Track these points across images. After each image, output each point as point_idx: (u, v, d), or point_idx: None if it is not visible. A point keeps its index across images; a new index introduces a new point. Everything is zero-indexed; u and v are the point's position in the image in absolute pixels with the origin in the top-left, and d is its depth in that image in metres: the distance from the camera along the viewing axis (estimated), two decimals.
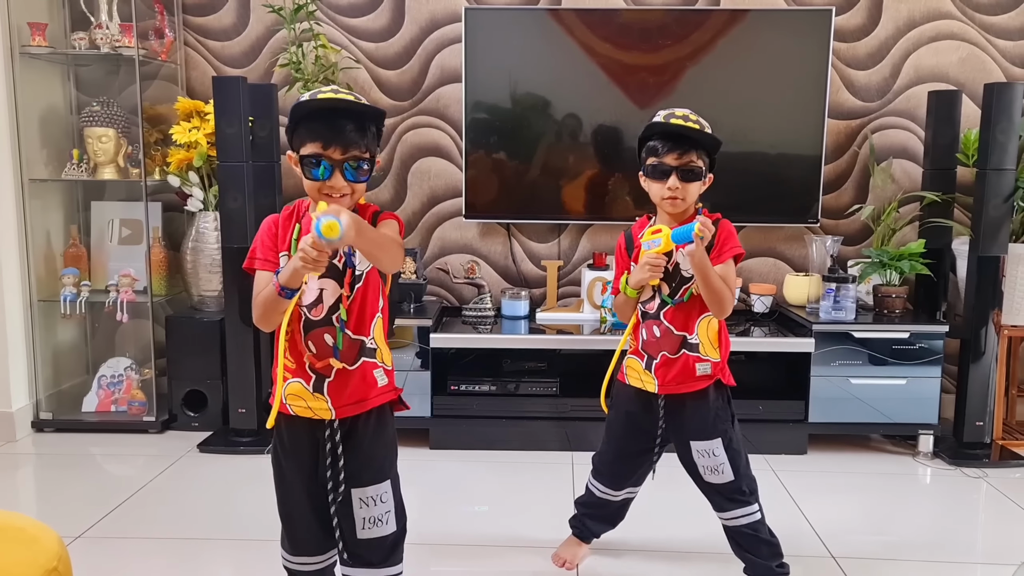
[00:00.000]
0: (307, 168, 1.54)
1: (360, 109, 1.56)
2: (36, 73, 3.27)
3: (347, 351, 1.61)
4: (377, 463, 1.67)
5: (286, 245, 1.62)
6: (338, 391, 1.61)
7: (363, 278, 1.61)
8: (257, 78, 3.46)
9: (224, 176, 3.03)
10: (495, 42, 3.29)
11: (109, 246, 3.45)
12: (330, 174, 1.53)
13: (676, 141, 1.88)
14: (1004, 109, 2.90)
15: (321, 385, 1.61)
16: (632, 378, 2.07)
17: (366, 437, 1.65)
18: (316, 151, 1.53)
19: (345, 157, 1.53)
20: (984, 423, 3.07)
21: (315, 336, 1.61)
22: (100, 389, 3.37)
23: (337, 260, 1.59)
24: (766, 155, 3.32)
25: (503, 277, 3.58)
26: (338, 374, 1.61)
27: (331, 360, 1.60)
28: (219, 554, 2.33)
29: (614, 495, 2.19)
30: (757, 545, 2.02)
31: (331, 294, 1.60)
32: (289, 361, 1.63)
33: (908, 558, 2.32)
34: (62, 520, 2.45)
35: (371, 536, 1.65)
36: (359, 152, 1.55)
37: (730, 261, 1.93)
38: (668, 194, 1.90)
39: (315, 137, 1.52)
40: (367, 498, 1.64)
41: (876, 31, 3.39)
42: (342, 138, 1.52)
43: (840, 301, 3.06)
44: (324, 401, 1.61)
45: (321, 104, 1.54)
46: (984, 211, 2.96)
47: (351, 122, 1.53)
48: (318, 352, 1.61)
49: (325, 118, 1.53)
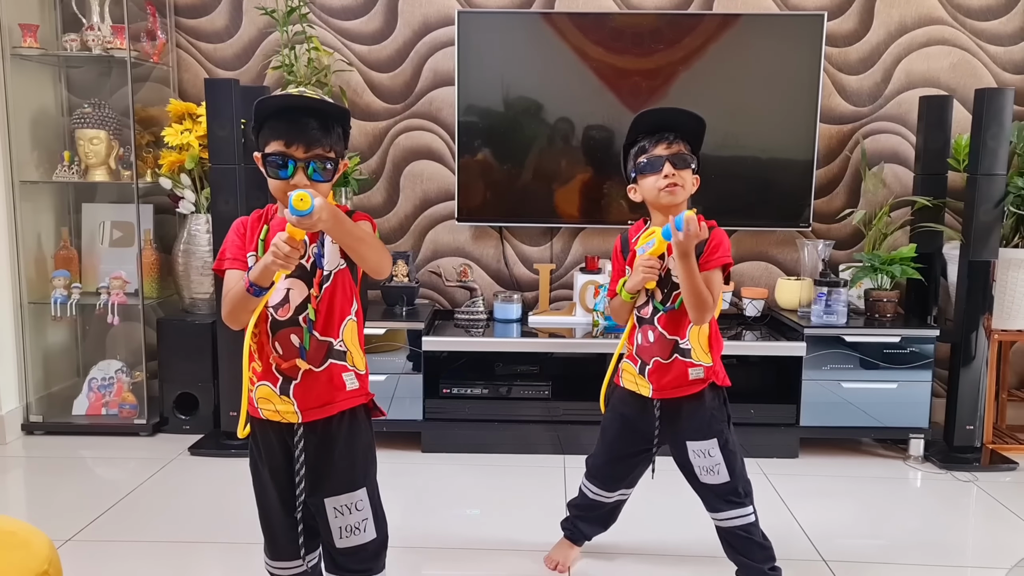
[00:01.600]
0: (270, 167, 1.54)
1: (322, 107, 1.55)
2: (27, 75, 3.26)
3: (314, 352, 1.59)
4: (350, 471, 1.65)
5: (253, 246, 1.62)
6: (304, 393, 1.60)
7: (331, 278, 1.60)
8: (249, 80, 3.46)
9: (216, 178, 3.02)
10: (488, 46, 3.29)
11: (100, 248, 3.44)
12: (292, 172, 1.52)
13: (662, 133, 1.90)
14: (995, 114, 2.92)
15: (288, 388, 1.60)
16: (627, 382, 2.08)
17: (338, 443, 1.63)
18: (279, 149, 1.52)
19: (308, 155, 1.53)
20: (974, 427, 3.08)
21: (282, 337, 1.59)
22: (91, 392, 3.36)
23: (306, 260, 1.58)
24: (758, 159, 3.33)
25: (495, 280, 3.58)
26: (304, 376, 1.59)
27: (297, 361, 1.59)
28: (210, 557, 2.32)
29: (607, 496, 2.19)
30: (750, 547, 2.02)
31: (298, 294, 1.59)
32: (257, 364, 1.62)
33: (899, 561, 2.33)
34: (52, 523, 2.43)
35: (350, 545, 1.64)
36: (323, 151, 1.54)
37: (717, 270, 1.92)
38: (664, 183, 1.89)
39: (278, 135, 1.52)
40: (341, 507, 1.63)
41: (868, 36, 3.41)
42: (305, 136, 1.52)
43: (831, 305, 3.07)
44: (291, 404, 1.60)
45: (283, 102, 1.54)
46: (975, 216, 2.98)
47: (315, 120, 1.53)
48: (284, 353, 1.59)
49: (288, 116, 1.53)
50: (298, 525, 1.65)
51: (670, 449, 2.07)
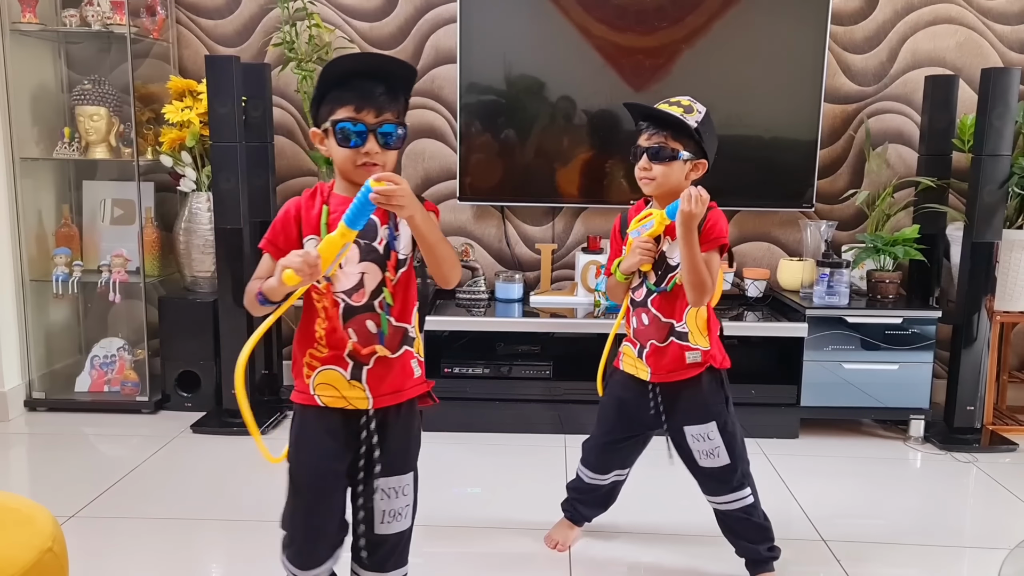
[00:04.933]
0: (339, 135, 1.47)
1: (392, 68, 1.51)
2: (27, 50, 3.24)
3: (391, 338, 1.54)
4: (404, 454, 1.61)
5: (314, 228, 1.53)
6: (378, 380, 1.55)
7: (407, 263, 1.56)
8: (250, 57, 3.43)
9: (217, 156, 3.01)
10: (490, 23, 3.26)
11: (101, 226, 3.43)
12: (364, 140, 1.47)
13: (650, 122, 1.90)
14: (1001, 94, 2.90)
15: (359, 373, 1.54)
16: (627, 365, 2.07)
17: (397, 428, 1.59)
18: (349, 115, 1.46)
19: (380, 120, 1.47)
20: (975, 408, 3.08)
21: (356, 323, 1.53)
22: (93, 369, 3.36)
23: (378, 243, 1.52)
24: (761, 139, 3.31)
25: (497, 260, 3.57)
26: (378, 362, 1.54)
27: (377, 347, 1.53)
28: (212, 534, 2.34)
29: (602, 479, 2.20)
30: (749, 529, 2.03)
31: (372, 278, 1.53)
32: (320, 349, 1.54)
33: (898, 542, 2.34)
34: (56, 500, 2.45)
35: (388, 532, 1.60)
36: (392, 116, 1.49)
37: (714, 252, 1.90)
38: (639, 174, 1.91)
39: (345, 102, 1.46)
40: (389, 489, 1.59)
41: (874, 14, 3.38)
42: (374, 100, 1.46)
43: (834, 286, 3.06)
44: (362, 390, 1.54)
45: (352, 64, 1.49)
46: (979, 197, 2.97)
47: (382, 85, 1.48)
48: (360, 339, 1.53)
49: (355, 82, 1.47)
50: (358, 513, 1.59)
51: (668, 435, 2.06)
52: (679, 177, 1.90)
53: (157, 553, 2.21)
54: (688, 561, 2.21)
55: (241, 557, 2.22)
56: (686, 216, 1.79)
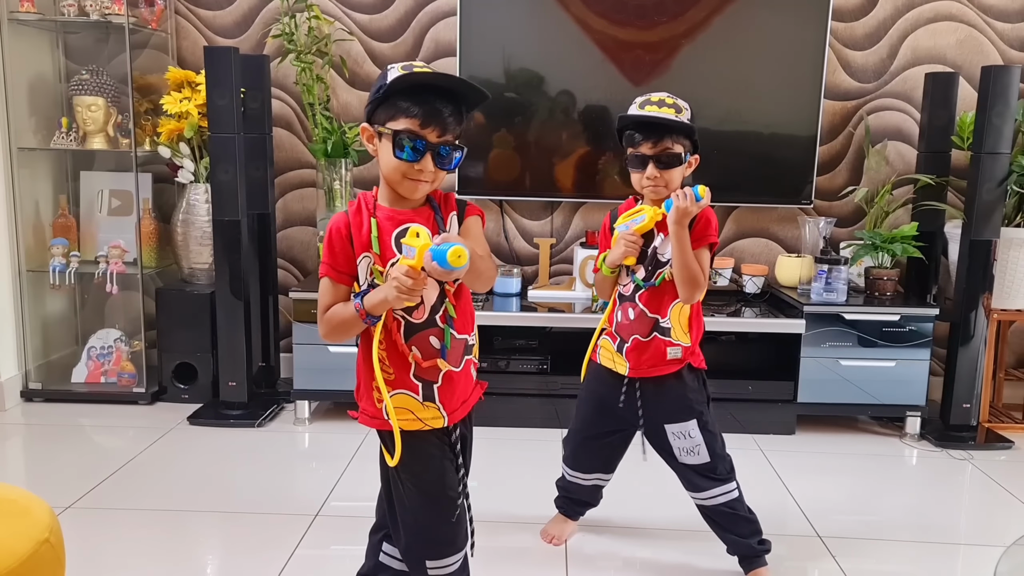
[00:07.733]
0: (397, 146, 1.44)
1: (463, 90, 1.47)
2: (25, 40, 3.23)
3: (453, 352, 1.53)
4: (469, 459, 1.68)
5: (365, 246, 1.50)
6: (448, 396, 1.54)
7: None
8: (249, 49, 3.42)
9: (215, 148, 3.00)
10: (490, 16, 3.25)
11: (99, 217, 3.42)
12: (421, 156, 1.44)
13: (650, 129, 1.87)
14: (1001, 92, 2.90)
15: (431, 393, 1.53)
16: (604, 359, 2.07)
17: (469, 438, 1.65)
18: (413, 128, 1.43)
19: (440, 141, 1.45)
20: (971, 406, 3.09)
21: (419, 340, 1.51)
22: (90, 360, 3.36)
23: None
24: (761, 135, 3.31)
25: (495, 254, 3.57)
26: (446, 378, 1.54)
27: (438, 361, 1.52)
28: (208, 526, 2.34)
29: (583, 479, 2.20)
30: (736, 523, 2.04)
31: (431, 292, 1.51)
32: (387, 373, 1.52)
33: (893, 538, 2.35)
34: (52, 491, 2.45)
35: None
36: (452, 138, 1.46)
37: (705, 249, 1.91)
38: (647, 183, 1.90)
39: (411, 114, 1.42)
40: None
41: (874, 11, 3.37)
42: (440, 120, 1.43)
43: (832, 283, 3.06)
44: (436, 409, 1.54)
45: (430, 79, 1.44)
46: (977, 195, 2.97)
47: (452, 106, 1.45)
48: (424, 356, 1.52)
49: (425, 96, 1.43)
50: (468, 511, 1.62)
51: (646, 432, 2.06)
52: (681, 178, 1.91)
53: (153, 544, 2.21)
54: (684, 556, 2.21)
55: (237, 548, 2.21)
56: (680, 213, 1.80)
